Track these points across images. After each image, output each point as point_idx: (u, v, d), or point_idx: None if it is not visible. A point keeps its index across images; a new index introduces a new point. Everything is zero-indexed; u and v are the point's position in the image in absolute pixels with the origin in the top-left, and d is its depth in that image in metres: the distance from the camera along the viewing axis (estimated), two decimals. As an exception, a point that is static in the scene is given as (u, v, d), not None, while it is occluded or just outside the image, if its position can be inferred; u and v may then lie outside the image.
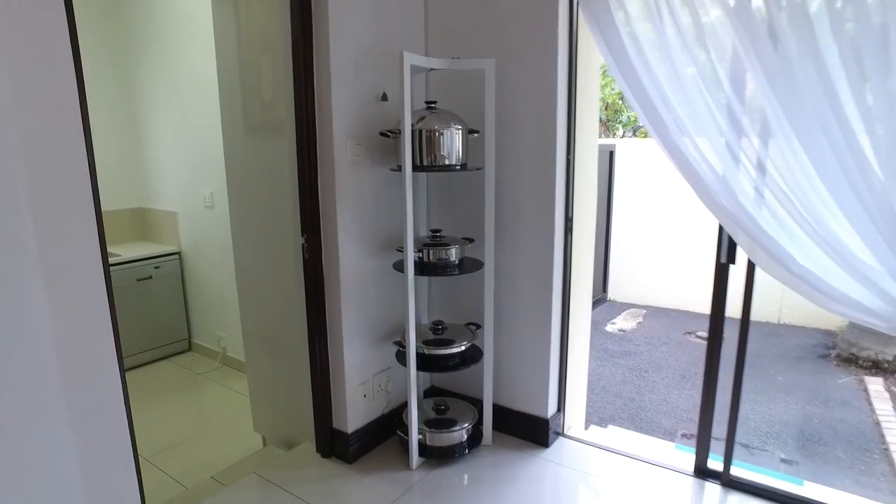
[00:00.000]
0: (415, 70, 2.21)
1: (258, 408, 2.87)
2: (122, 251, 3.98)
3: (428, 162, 2.19)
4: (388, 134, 2.21)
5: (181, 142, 3.84)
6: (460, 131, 2.23)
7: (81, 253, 1.49)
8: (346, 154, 2.21)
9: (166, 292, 4.07)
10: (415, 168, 2.17)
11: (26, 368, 1.38)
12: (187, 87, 3.64)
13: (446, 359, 2.39)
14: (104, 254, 1.57)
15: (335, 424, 2.45)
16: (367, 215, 2.35)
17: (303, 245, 2.28)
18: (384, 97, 2.33)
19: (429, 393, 2.85)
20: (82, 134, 1.45)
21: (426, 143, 2.18)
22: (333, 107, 2.12)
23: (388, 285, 2.50)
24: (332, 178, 2.19)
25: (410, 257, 2.19)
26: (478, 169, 2.34)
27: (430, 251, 2.31)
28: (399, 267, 2.35)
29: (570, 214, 2.45)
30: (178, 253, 4.10)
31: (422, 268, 2.29)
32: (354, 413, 2.43)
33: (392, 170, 2.34)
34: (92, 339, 1.55)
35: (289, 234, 2.40)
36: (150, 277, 3.97)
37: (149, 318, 4.00)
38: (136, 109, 4.13)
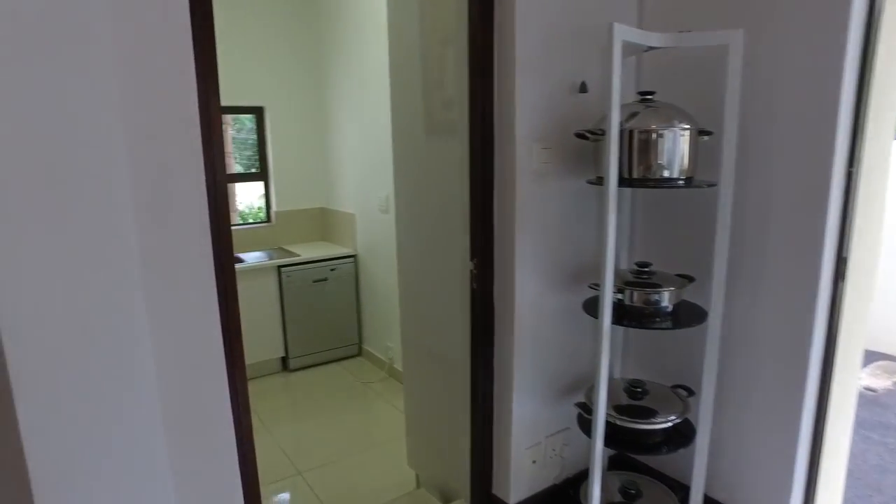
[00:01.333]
0: (626, 49, 1.65)
1: (414, 441, 2.55)
2: (302, 251, 3.99)
3: (639, 173, 1.63)
4: (587, 135, 1.69)
5: (363, 142, 3.72)
6: (687, 133, 1.63)
7: (190, 261, 1.22)
8: (532, 161, 1.74)
9: (340, 295, 4.01)
10: (621, 182, 1.62)
11: (121, 373, 1.14)
12: (373, 86, 3.49)
13: (645, 435, 1.80)
14: (222, 260, 1.31)
15: (495, 490, 2.01)
16: (553, 240, 1.86)
17: (471, 272, 1.86)
18: (583, 88, 1.81)
19: (616, 463, 2.26)
20: (198, 127, 1.17)
21: (638, 149, 1.62)
22: (518, 101, 1.66)
23: (572, 329, 1.98)
24: (511, 192, 1.74)
25: (608, 298, 1.65)
26: (709, 185, 1.70)
27: (635, 292, 1.74)
28: (591, 309, 1.81)
29: (844, 253, 1.70)
30: (354, 256, 4.01)
31: (622, 314, 1.73)
32: (519, 481, 1.96)
33: (589, 182, 1.80)
34: (195, 351, 1.28)
35: (457, 253, 2.01)
36: (326, 280, 3.92)
37: (322, 320, 3.96)
38: (326, 109, 4.14)
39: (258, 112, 4.12)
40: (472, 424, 1.98)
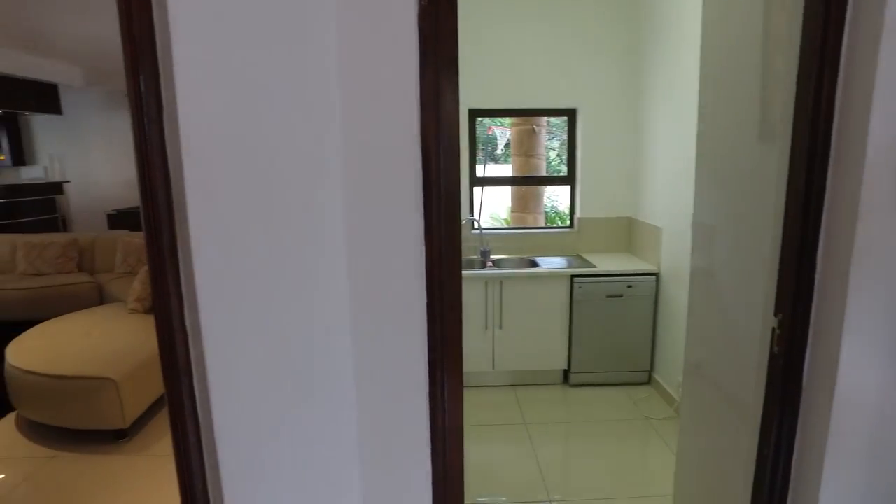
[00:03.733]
0: None
1: (683, 493, 2.08)
2: (600, 262, 3.73)
3: None
4: None
5: (679, 149, 3.24)
6: None
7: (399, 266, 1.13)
8: (890, 184, 1.15)
9: (635, 315, 3.61)
10: None
11: (319, 372, 1.12)
12: (694, 92, 2.99)
13: None
14: (438, 272, 1.18)
15: None
16: (920, 303, 1.21)
17: (773, 330, 1.35)
18: None
19: None
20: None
21: None
22: (877, 90, 1.10)
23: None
24: (849, 227, 1.19)
25: None
26: None
27: None
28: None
29: None
30: (656, 274, 3.56)
31: None
32: None
33: None
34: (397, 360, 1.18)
35: (758, 299, 1.50)
36: (621, 296, 3.58)
37: (611, 339, 3.64)
38: (640, 113, 3.78)
39: (571, 114, 3.99)
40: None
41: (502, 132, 6.59)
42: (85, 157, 8.50)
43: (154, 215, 0.97)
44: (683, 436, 2.09)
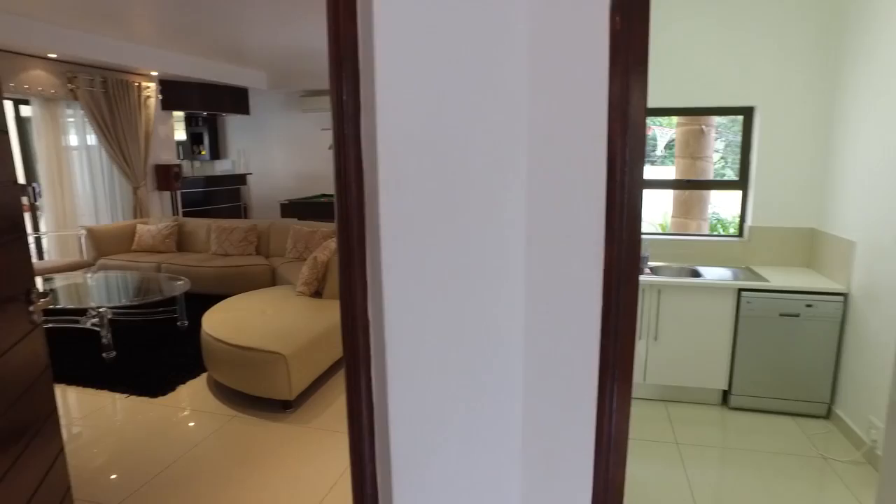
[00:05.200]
0: None
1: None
2: (774, 276, 3.37)
3: None
4: None
5: (878, 153, 2.81)
6: None
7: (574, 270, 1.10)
8: None
9: (814, 339, 3.21)
10: None
11: (490, 377, 1.13)
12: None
13: None
14: (615, 279, 1.13)
15: None
16: None
17: None
18: None
19: None
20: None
21: None
22: None
23: None
24: None
25: None
26: None
27: None
28: None
29: None
30: (844, 295, 3.13)
31: None
32: None
33: None
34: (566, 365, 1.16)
35: None
36: (798, 315, 3.20)
37: (783, 363, 3.27)
38: (833, 113, 3.32)
39: (747, 113, 3.64)
40: None
41: (662, 132, 6.22)
42: (265, 151, 9.53)
43: (346, 207, 1.04)
44: (887, 489, 1.80)
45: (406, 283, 1.02)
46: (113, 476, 2.60)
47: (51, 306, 3.56)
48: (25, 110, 5.83)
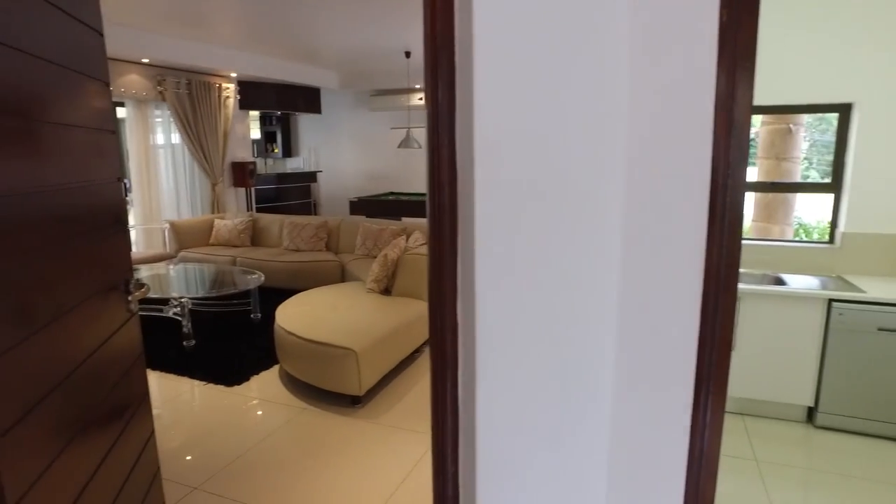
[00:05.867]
0: None
1: None
2: (871, 287, 3.13)
3: None
4: None
5: None
6: None
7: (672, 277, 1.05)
8: None
9: (916, 356, 2.96)
10: None
11: (580, 385, 1.10)
12: None
13: None
14: (714, 287, 1.08)
15: None
16: None
17: None
18: None
19: None
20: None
21: None
22: None
23: None
24: None
25: None
26: None
27: None
28: None
29: None
30: (953, 309, 2.87)
31: None
32: None
33: None
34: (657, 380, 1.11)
35: None
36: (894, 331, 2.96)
37: (881, 381, 3.03)
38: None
39: (843, 110, 3.40)
40: None
41: (742, 131, 5.91)
42: (334, 150, 9.77)
43: (438, 206, 1.03)
44: None
45: (498, 285, 1.00)
46: (190, 458, 2.72)
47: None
48: (120, 112, 6.23)
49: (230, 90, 7.17)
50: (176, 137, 6.78)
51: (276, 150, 9.19)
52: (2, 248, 1.10)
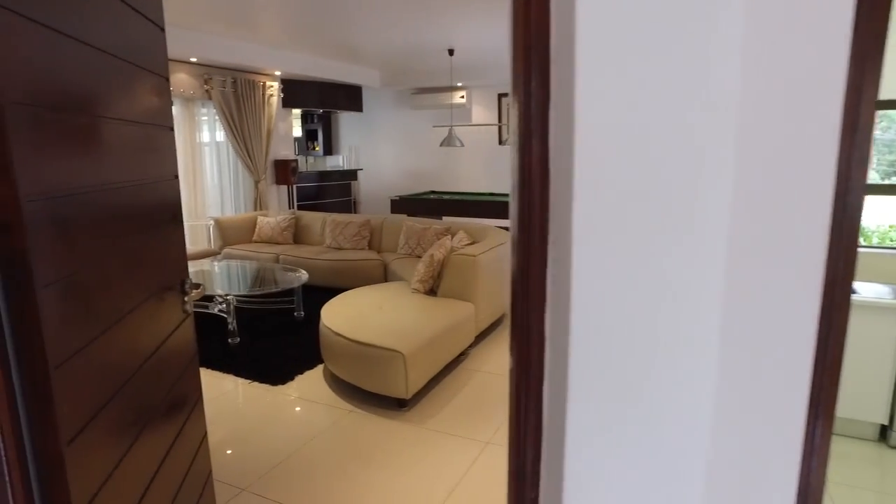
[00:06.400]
0: None
1: None
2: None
3: None
4: None
5: None
6: None
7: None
8: None
9: None
10: None
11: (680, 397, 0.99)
12: None
13: None
14: (834, 298, 0.97)
15: None
16: None
17: None
18: None
19: None
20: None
21: None
22: None
23: None
24: None
25: None
26: None
27: None
28: None
29: None
30: None
31: None
32: None
33: None
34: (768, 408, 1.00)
35: None
36: None
37: (962, 399, 2.82)
38: None
39: (927, 108, 3.17)
40: None
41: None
42: (374, 148, 9.78)
43: (528, 206, 0.95)
44: None
45: (595, 294, 0.91)
46: (237, 458, 2.70)
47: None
48: (167, 109, 6.33)
49: (274, 88, 7.23)
50: (221, 135, 6.87)
51: (317, 148, 9.25)
52: (70, 246, 1.07)
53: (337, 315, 3.56)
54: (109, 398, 1.15)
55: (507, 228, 5.21)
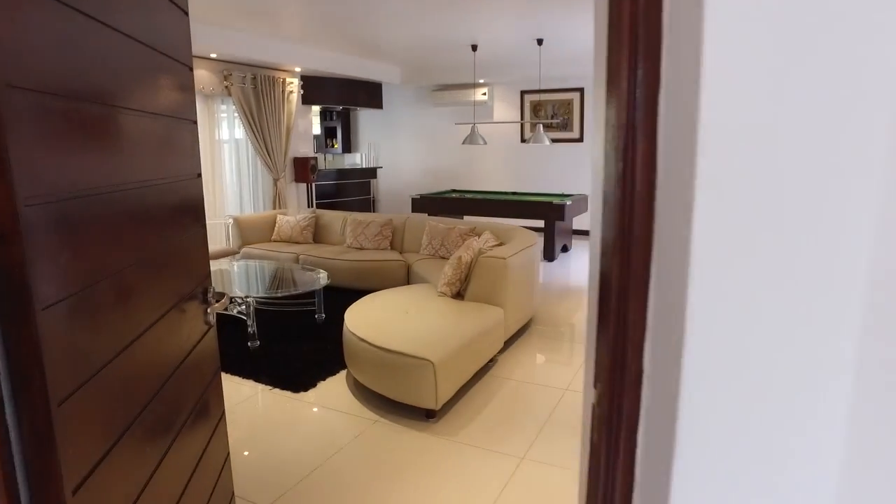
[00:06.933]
0: None
1: None
2: None
3: None
4: None
5: None
6: None
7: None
8: None
9: None
10: None
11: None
12: None
13: None
14: None
15: None
16: None
17: None
18: None
19: None
20: None
21: None
22: None
23: None
24: None
25: None
26: None
27: None
28: None
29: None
30: None
31: None
32: None
33: None
34: None
35: None
36: None
37: None
38: None
39: None
40: None
41: None
42: (394, 146, 9.62)
43: (629, 211, 0.78)
44: None
45: (714, 322, 0.74)
46: (258, 473, 2.56)
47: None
48: (186, 105, 6.23)
49: (294, 85, 7.10)
50: (239, 132, 6.76)
51: (335, 146, 9.13)
52: (77, 258, 0.92)
53: (361, 319, 3.41)
54: (121, 434, 1.00)
55: (532, 229, 5.01)
